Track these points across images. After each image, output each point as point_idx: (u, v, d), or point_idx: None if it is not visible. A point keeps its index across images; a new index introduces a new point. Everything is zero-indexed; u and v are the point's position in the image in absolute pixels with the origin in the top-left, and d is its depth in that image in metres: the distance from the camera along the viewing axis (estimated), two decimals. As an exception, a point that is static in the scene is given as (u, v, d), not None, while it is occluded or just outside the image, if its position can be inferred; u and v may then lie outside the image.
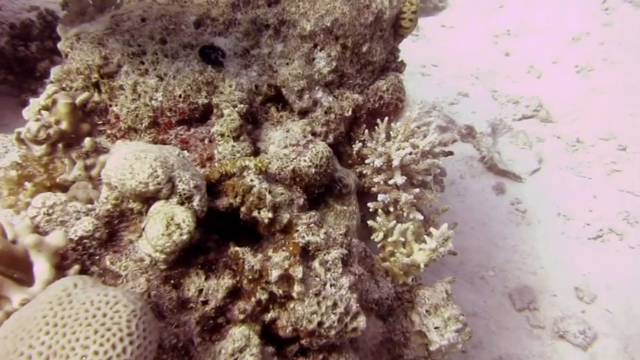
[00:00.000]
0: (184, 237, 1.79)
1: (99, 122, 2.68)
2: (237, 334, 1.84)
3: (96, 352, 1.40)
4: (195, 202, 1.90)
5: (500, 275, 5.25)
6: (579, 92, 7.94)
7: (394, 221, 2.59)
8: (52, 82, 2.76)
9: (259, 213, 1.98)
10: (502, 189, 6.68)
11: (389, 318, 2.56)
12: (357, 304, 1.93)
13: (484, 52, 9.20)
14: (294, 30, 2.67)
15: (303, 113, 2.63)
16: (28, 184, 2.64)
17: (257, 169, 2.15)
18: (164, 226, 1.77)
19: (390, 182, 2.58)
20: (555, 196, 6.45)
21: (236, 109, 2.48)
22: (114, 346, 1.42)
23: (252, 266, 1.85)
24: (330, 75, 2.71)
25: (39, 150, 2.57)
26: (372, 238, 2.62)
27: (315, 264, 1.94)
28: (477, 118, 7.71)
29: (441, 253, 2.61)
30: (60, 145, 2.63)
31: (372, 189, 2.68)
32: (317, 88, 2.68)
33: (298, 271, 1.84)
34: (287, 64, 2.63)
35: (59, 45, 2.77)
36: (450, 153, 2.83)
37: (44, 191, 2.44)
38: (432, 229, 2.47)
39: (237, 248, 1.91)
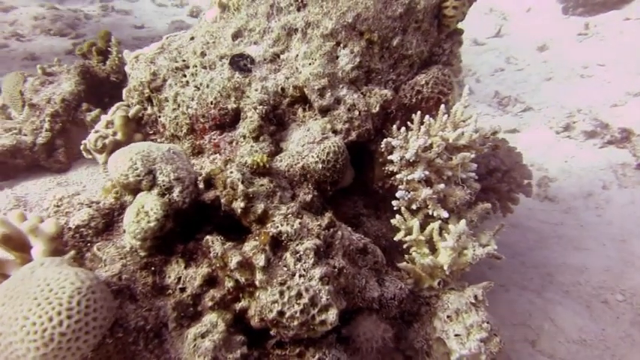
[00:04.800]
0: (152, 224, 1.89)
1: (150, 132, 2.97)
2: (206, 320, 1.87)
3: (33, 323, 1.56)
4: (175, 194, 2.00)
5: (632, 301, 4.38)
6: None
7: (415, 219, 2.39)
8: (122, 100, 3.14)
9: (236, 203, 2.01)
10: (660, 202, 5.71)
11: (414, 324, 2.36)
12: (329, 297, 1.82)
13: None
14: (317, 30, 2.66)
15: (325, 111, 2.59)
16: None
17: (254, 165, 2.18)
18: (134, 214, 1.90)
19: (409, 177, 2.40)
20: None
21: (256, 110, 2.55)
22: (50, 319, 1.56)
23: (217, 253, 1.88)
24: (354, 72, 2.63)
25: (101, 158, 2.92)
26: (394, 237, 2.45)
27: (287, 254, 1.89)
28: (647, 123, 6.68)
29: (477, 255, 2.34)
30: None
31: (399, 187, 2.51)
32: (341, 85, 2.62)
33: (260, 259, 1.82)
34: (310, 64, 2.63)
35: (125, 68, 3.13)
36: (496, 147, 2.53)
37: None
38: (450, 226, 2.24)
39: (208, 237, 1.96)
